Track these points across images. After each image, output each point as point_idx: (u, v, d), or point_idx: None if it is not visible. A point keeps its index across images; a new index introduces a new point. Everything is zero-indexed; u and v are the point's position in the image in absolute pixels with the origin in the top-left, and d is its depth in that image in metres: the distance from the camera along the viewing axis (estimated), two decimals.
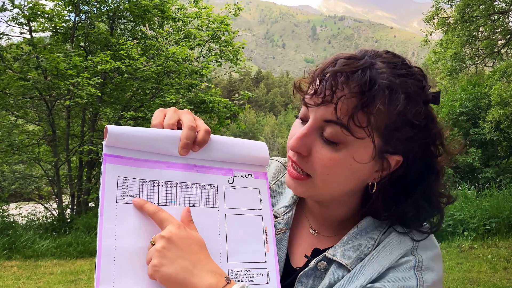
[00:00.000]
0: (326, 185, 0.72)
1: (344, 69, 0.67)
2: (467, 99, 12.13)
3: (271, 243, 0.74)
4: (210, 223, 0.70)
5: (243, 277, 0.69)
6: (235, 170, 0.76)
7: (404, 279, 0.68)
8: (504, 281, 5.34)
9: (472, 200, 8.76)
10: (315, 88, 0.69)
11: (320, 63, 0.72)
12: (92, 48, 10.81)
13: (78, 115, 10.94)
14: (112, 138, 0.66)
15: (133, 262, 0.63)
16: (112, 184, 0.65)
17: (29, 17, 9.61)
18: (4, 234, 8.04)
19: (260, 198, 0.76)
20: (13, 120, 10.72)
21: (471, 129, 11.94)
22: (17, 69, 9.30)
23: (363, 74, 0.66)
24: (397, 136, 0.70)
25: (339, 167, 0.70)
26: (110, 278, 0.60)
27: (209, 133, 0.72)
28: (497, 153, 11.89)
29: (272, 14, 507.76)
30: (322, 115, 0.69)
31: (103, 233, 0.62)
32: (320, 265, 0.75)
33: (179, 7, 11.97)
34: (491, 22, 12.40)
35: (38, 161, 10.57)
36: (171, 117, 0.72)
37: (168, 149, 0.70)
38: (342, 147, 0.69)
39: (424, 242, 0.75)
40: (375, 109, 0.66)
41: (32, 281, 6.01)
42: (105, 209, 0.64)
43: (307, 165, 0.72)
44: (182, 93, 10.22)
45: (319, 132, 0.70)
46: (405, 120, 0.68)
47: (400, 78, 0.68)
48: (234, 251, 0.70)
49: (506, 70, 10.80)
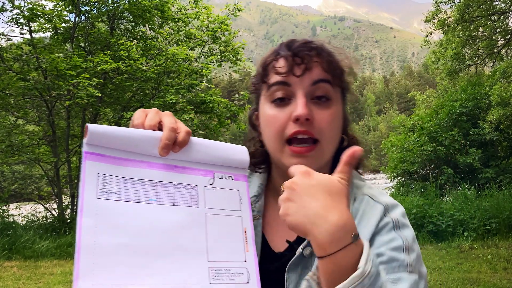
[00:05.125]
0: (329, 144, 0.83)
1: (303, 41, 0.85)
2: (467, 100, 12.11)
3: (250, 244, 0.74)
4: (191, 222, 0.70)
5: (224, 276, 0.69)
6: (215, 172, 0.76)
7: (392, 240, 0.75)
8: (504, 281, 5.34)
9: (472, 200, 8.76)
10: (292, 62, 0.81)
11: (269, 53, 0.87)
12: (92, 48, 10.81)
13: (78, 115, 10.93)
14: (92, 136, 0.67)
15: (113, 258, 0.62)
16: (92, 180, 0.65)
17: (29, 18, 9.62)
18: (4, 234, 8.04)
19: (240, 199, 0.77)
20: (13, 120, 10.73)
21: (471, 129, 11.92)
22: (17, 70, 9.30)
23: (316, 42, 0.85)
24: (346, 92, 0.90)
25: (336, 121, 0.83)
26: (90, 274, 0.60)
27: (190, 135, 0.73)
28: (497, 153, 11.87)
29: (272, 14, 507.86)
30: (310, 79, 0.81)
31: (83, 228, 0.62)
32: (306, 251, 0.78)
33: (179, 7, 11.98)
34: (491, 23, 12.41)
35: (38, 161, 10.57)
36: (152, 118, 0.73)
37: (148, 149, 0.70)
38: (331, 103, 0.82)
39: (390, 203, 0.83)
40: (339, 64, 0.85)
41: (32, 281, 6.01)
42: (85, 204, 0.63)
43: (315, 130, 0.80)
44: (182, 93, 10.23)
45: (309, 97, 0.81)
46: (345, 80, 0.88)
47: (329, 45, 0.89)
48: (214, 250, 0.70)
49: (506, 70, 10.78)
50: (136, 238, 0.65)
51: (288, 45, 0.84)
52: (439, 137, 11.74)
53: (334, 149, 0.85)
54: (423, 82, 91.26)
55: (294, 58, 0.81)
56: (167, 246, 0.67)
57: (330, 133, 0.82)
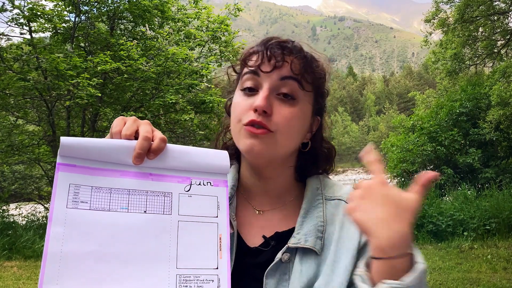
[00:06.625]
0: (285, 139, 0.84)
1: (280, 40, 0.86)
2: (467, 100, 12.12)
3: (224, 250, 0.74)
4: (161, 230, 0.71)
5: (192, 283, 0.70)
6: (193, 178, 0.77)
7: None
8: (504, 281, 5.35)
9: (472, 200, 8.76)
10: (263, 58, 0.84)
11: (248, 47, 0.91)
12: (92, 48, 10.81)
13: (78, 115, 10.94)
14: (64, 148, 0.68)
15: (79, 266, 0.64)
16: (63, 191, 0.67)
17: (29, 18, 9.61)
18: (4, 234, 8.05)
19: (218, 205, 0.77)
20: (13, 120, 10.73)
21: (471, 129, 11.93)
22: (17, 70, 9.30)
23: (294, 43, 0.87)
24: (320, 95, 0.91)
25: (297, 120, 0.84)
26: (54, 280, 0.62)
27: (165, 142, 0.74)
28: (497, 153, 11.89)
29: (272, 14, 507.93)
30: (278, 75, 0.83)
31: (51, 236, 0.64)
32: (284, 257, 0.81)
33: (179, 7, 11.98)
34: (491, 23, 12.41)
35: (38, 161, 10.58)
36: (129, 127, 0.74)
37: (123, 158, 0.71)
38: (296, 103, 0.84)
39: None
40: (312, 68, 0.86)
41: (32, 281, 6.01)
42: (55, 213, 0.65)
43: (271, 123, 0.82)
44: (182, 93, 10.23)
45: (275, 92, 0.84)
46: (323, 87, 0.91)
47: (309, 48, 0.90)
48: (184, 257, 0.71)
49: (506, 70, 10.79)
50: (104, 245, 0.66)
51: (265, 42, 0.87)
52: (439, 137, 11.75)
53: (292, 147, 0.87)
54: (423, 82, 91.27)
55: (266, 54, 0.84)
56: (135, 254, 0.68)
57: (286, 129, 0.83)
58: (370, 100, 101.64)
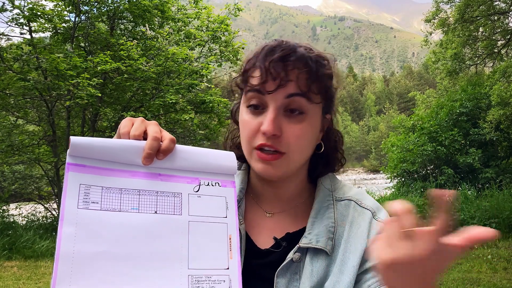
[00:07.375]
0: (298, 156, 0.83)
1: (282, 53, 0.80)
2: (467, 100, 12.12)
3: (234, 251, 0.74)
4: (172, 230, 0.71)
5: (204, 283, 0.70)
6: (201, 179, 0.77)
7: None
8: (504, 281, 5.34)
9: (472, 200, 8.76)
10: (266, 77, 0.79)
11: (251, 55, 0.84)
12: (92, 48, 10.81)
13: (78, 115, 10.93)
14: (75, 148, 0.68)
15: (91, 265, 0.64)
16: (74, 191, 0.67)
17: (29, 18, 9.60)
18: (4, 234, 8.05)
19: (226, 206, 0.77)
20: (13, 120, 10.72)
21: (471, 129, 11.93)
22: (17, 70, 9.29)
23: (297, 53, 0.80)
24: (329, 97, 0.87)
25: (307, 135, 0.83)
26: (67, 281, 0.62)
27: (174, 142, 0.74)
28: (497, 153, 11.88)
29: (272, 14, 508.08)
30: (284, 93, 0.79)
31: (63, 237, 0.64)
32: (295, 256, 0.81)
33: (179, 7, 11.97)
34: (491, 23, 12.40)
35: (38, 161, 10.57)
36: (138, 127, 0.74)
37: (132, 159, 0.71)
38: (305, 116, 0.82)
39: (375, 207, 0.87)
40: (319, 77, 0.81)
41: (32, 281, 6.01)
42: (66, 214, 0.65)
43: (281, 144, 0.81)
44: (182, 93, 10.23)
45: (282, 111, 0.81)
46: (331, 89, 0.87)
47: (313, 53, 0.84)
48: (195, 257, 0.71)
49: (506, 70, 10.78)
50: (116, 246, 0.66)
51: (266, 56, 0.81)
52: (439, 137, 11.74)
53: (305, 158, 0.87)
54: (423, 82, 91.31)
55: (270, 73, 0.80)
56: (147, 254, 0.68)
57: (297, 147, 0.82)
58: (370, 100, 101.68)
